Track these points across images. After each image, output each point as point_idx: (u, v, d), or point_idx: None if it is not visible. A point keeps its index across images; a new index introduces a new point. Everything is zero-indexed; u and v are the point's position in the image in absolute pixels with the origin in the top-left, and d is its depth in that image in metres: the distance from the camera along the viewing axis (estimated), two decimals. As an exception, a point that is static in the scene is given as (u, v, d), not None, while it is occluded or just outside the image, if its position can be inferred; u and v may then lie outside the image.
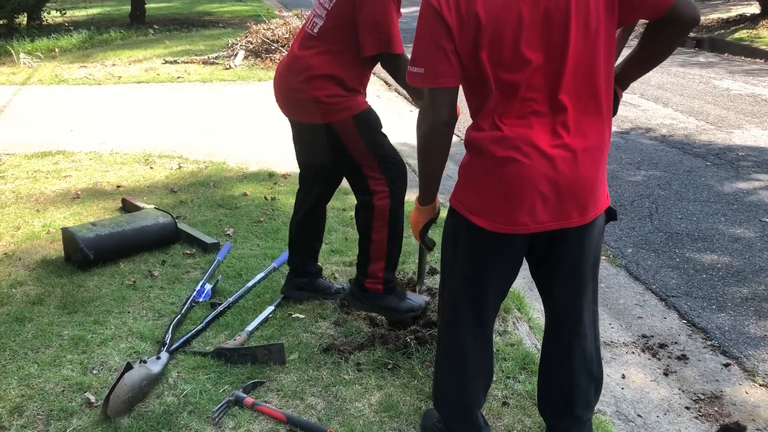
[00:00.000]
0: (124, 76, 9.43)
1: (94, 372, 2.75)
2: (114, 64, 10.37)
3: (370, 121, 2.85)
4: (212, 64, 10.19)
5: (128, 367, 2.56)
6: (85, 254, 3.49)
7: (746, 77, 9.49)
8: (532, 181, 1.89)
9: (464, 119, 2.33)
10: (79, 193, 4.74)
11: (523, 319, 3.24)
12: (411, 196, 2.67)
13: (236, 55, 10.38)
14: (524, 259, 2.14)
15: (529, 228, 1.95)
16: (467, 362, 2.22)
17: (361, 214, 2.91)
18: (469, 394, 2.27)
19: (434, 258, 3.66)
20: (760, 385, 2.93)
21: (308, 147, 3.03)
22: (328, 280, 3.42)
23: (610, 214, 2.11)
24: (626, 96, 8.41)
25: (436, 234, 2.72)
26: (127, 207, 4.33)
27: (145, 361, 2.66)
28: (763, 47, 11.49)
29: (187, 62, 10.34)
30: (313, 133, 2.86)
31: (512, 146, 1.89)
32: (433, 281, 3.43)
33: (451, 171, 2.31)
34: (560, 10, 1.80)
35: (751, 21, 13.40)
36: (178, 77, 9.31)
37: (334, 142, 2.83)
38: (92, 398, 2.56)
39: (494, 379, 2.73)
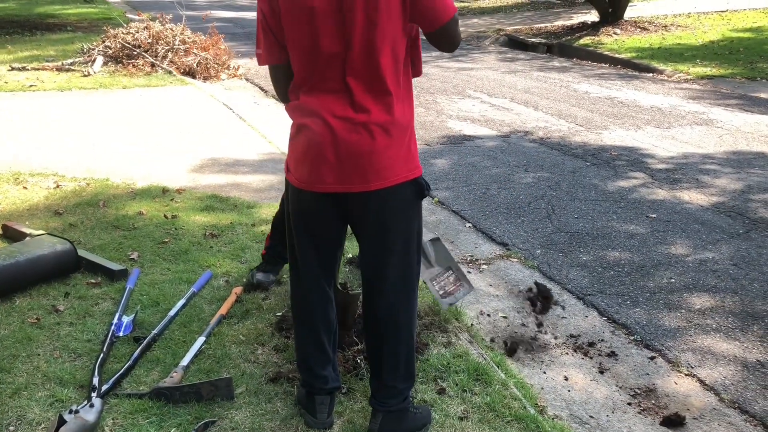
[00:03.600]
0: (-36, 84, 8.49)
1: (11, 429, 2.41)
2: (-50, 72, 9.32)
3: None
4: (68, 70, 9.42)
5: (61, 420, 2.27)
6: (-26, 292, 3.06)
7: (600, 81, 10.20)
8: (319, 146, 2.18)
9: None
10: (-55, 220, 4.17)
11: (463, 328, 3.23)
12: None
13: (94, 61, 9.67)
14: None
15: (317, 188, 2.23)
16: (310, 311, 2.47)
17: None
18: (314, 340, 2.48)
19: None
20: (686, 374, 3.12)
21: None
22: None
23: (419, 191, 2.29)
24: (498, 101, 8.77)
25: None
26: (11, 234, 3.86)
27: (77, 411, 2.37)
28: (606, 53, 12.43)
29: (38, 69, 9.48)
30: None
31: (306, 115, 2.20)
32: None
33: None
34: (350, 3, 2.07)
35: (593, 28, 14.48)
36: (31, 85, 8.51)
37: None
38: (19, 460, 2.24)
39: (446, 390, 2.71)
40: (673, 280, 3.98)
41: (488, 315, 3.55)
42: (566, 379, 3.04)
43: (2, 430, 2.40)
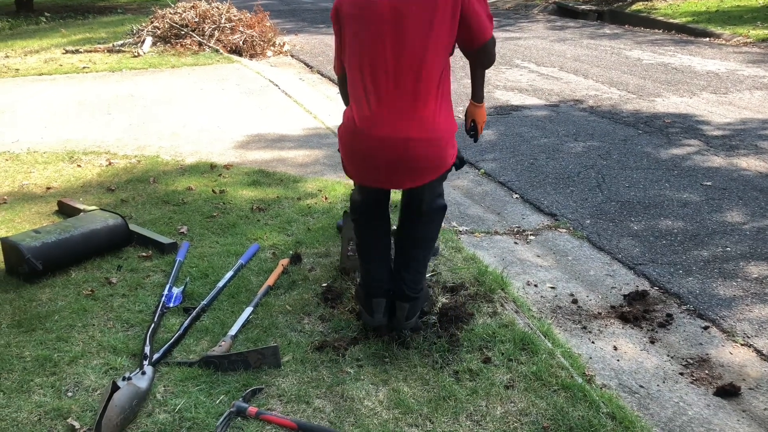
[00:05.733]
0: (21, 68, 8.74)
1: (69, 394, 2.50)
2: (8, 56, 9.61)
3: None
4: (118, 52, 9.62)
5: (115, 386, 2.34)
6: (32, 265, 3.17)
7: (653, 47, 9.88)
8: (381, 154, 2.45)
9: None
10: (5, 198, 4.32)
11: (509, 298, 3.20)
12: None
13: (143, 41, 9.84)
14: None
15: (381, 185, 2.62)
16: (376, 227, 2.80)
17: None
18: (371, 248, 2.79)
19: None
20: (742, 344, 3.02)
21: None
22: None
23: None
24: (547, 70, 8.58)
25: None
26: (66, 210, 3.98)
27: (130, 378, 2.44)
28: (660, 18, 12.02)
29: (90, 51, 9.71)
30: None
31: (359, 123, 2.46)
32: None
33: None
34: (405, 13, 2.33)
35: (646, -7, 13.99)
36: (84, 67, 8.72)
37: None
38: (76, 424, 2.32)
39: (492, 359, 2.69)
40: (728, 248, 3.85)
41: (535, 285, 3.50)
42: (615, 348, 2.98)
43: (61, 395, 2.49)
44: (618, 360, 2.90)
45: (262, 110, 6.69)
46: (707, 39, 10.38)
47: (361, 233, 2.80)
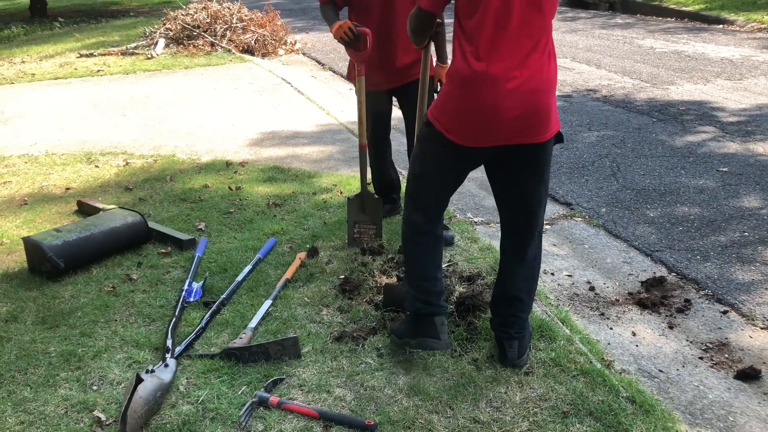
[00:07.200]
0: (37, 73, 8.83)
1: (94, 388, 2.54)
2: (23, 61, 9.71)
3: None
4: (132, 54, 9.70)
5: (139, 378, 2.38)
6: (54, 263, 3.22)
7: (665, 35, 9.82)
8: (500, 105, 2.28)
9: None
10: (25, 199, 4.39)
11: (526, 286, 3.21)
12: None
13: (156, 43, 9.91)
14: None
15: (489, 143, 2.37)
16: (435, 233, 2.61)
17: None
18: (435, 265, 2.61)
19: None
20: (762, 328, 3.01)
21: None
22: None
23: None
24: (559, 60, 8.53)
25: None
26: (85, 209, 4.03)
27: (153, 371, 2.47)
28: (672, 6, 11.94)
29: (104, 54, 9.79)
30: None
31: (478, 77, 2.28)
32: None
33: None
34: None
35: (658, -18, 13.88)
36: (98, 70, 8.80)
37: None
38: (102, 416, 2.36)
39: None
40: (746, 233, 3.83)
41: (552, 274, 3.51)
42: (634, 334, 2.98)
43: (86, 389, 2.53)
44: (637, 345, 2.90)
45: (275, 108, 6.72)
46: (721, 26, 10.30)
47: (417, 247, 2.61)
